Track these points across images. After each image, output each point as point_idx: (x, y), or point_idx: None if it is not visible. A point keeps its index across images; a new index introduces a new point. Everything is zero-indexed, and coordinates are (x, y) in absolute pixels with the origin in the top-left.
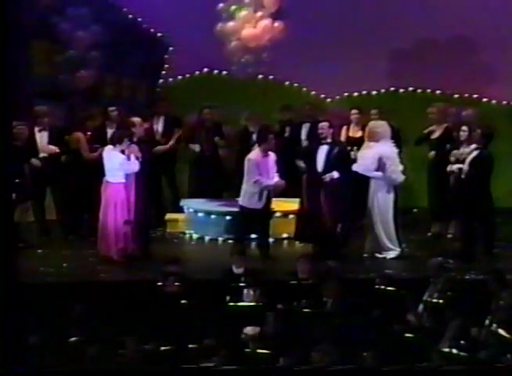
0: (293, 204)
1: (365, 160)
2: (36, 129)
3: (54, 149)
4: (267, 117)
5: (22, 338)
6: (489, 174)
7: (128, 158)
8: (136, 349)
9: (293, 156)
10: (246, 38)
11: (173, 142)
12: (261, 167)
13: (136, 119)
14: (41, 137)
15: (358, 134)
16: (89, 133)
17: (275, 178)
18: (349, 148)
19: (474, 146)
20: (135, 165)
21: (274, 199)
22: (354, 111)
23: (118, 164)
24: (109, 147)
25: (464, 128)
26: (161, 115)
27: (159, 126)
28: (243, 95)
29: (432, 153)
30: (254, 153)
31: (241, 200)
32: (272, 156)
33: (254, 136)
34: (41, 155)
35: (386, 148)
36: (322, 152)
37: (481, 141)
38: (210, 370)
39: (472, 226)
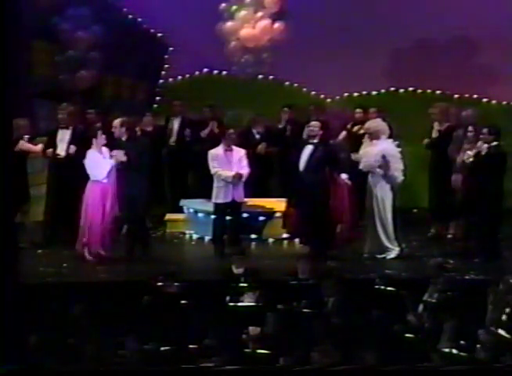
0: (280, 204)
1: (368, 157)
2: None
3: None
4: (269, 117)
5: (22, 338)
6: (502, 170)
7: (104, 157)
8: (136, 349)
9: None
10: (244, 38)
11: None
12: (222, 160)
13: (116, 121)
14: (63, 135)
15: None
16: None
17: (242, 171)
18: (350, 149)
19: (485, 144)
20: (106, 164)
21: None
22: (358, 110)
23: (91, 162)
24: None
25: (470, 128)
26: (177, 116)
27: (174, 126)
28: (243, 95)
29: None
30: (216, 148)
31: (212, 198)
32: (236, 151)
33: (258, 136)
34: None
35: (389, 146)
36: (306, 151)
37: (490, 138)
38: (211, 370)
39: (485, 225)
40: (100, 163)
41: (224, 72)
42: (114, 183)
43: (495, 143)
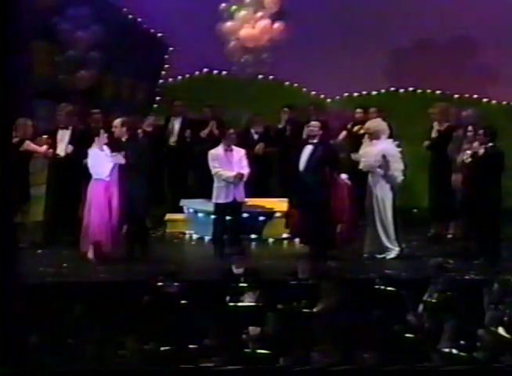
0: (280, 204)
1: (368, 157)
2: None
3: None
4: (269, 117)
5: (22, 338)
6: (500, 171)
7: (106, 155)
8: (136, 349)
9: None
10: (244, 38)
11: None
12: (222, 160)
13: (117, 121)
14: (63, 135)
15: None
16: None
17: (243, 171)
18: (350, 149)
19: (481, 145)
20: (108, 162)
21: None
22: (358, 110)
23: (94, 161)
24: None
25: (470, 128)
26: (178, 116)
27: (175, 127)
28: (243, 95)
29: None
30: (216, 148)
31: (213, 198)
32: (236, 151)
33: (256, 137)
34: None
35: (389, 146)
36: (306, 151)
37: (486, 139)
38: (211, 370)
39: (485, 225)
40: (103, 161)
41: (224, 72)
42: (117, 181)
43: (490, 144)
